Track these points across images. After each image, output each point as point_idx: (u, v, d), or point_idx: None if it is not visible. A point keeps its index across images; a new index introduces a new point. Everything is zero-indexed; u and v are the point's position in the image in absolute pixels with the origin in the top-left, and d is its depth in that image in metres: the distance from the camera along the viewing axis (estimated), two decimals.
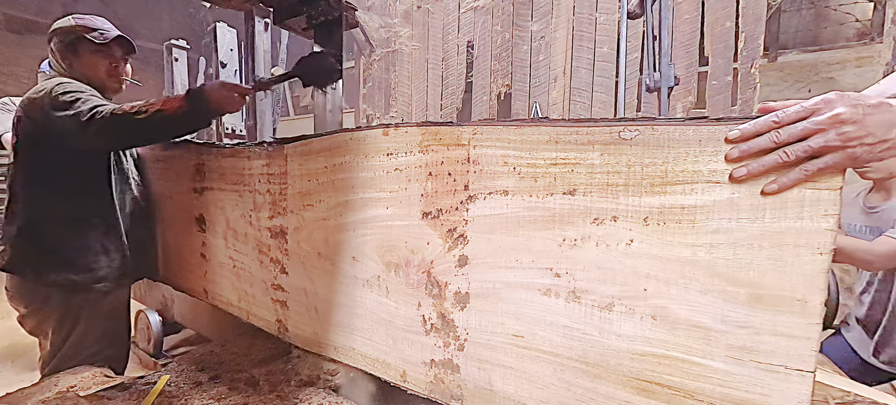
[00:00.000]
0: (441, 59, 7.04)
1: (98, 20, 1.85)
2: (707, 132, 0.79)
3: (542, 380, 1.01)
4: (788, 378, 0.76)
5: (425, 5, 7.09)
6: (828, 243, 0.72)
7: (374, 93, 7.77)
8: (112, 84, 1.89)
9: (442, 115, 7.01)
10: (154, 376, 1.52)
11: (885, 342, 1.96)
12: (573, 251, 0.94)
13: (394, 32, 7.39)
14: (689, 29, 5.33)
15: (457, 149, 1.06)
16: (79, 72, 1.82)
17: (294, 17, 1.92)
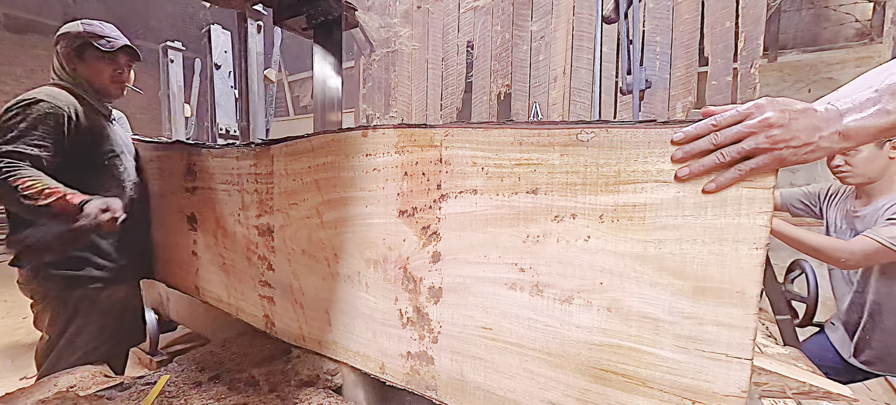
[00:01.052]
0: (441, 59, 7.10)
1: (106, 27, 1.92)
2: (655, 134, 0.85)
3: (508, 371, 1.07)
4: (729, 365, 0.82)
5: (425, 5, 7.16)
6: (763, 238, 0.78)
7: (373, 93, 7.85)
8: (114, 90, 1.95)
9: (442, 115, 7.08)
10: (154, 376, 1.54)
11: (863, 343, 2.01)
12: (536, 247, 1.00)
13: (394, 32, 7.46)
14: (689, 29, 5.37)
15: (430, 150, 1.13)
16: (82, 77, 1.87)
17: (294, 17, 1.96)
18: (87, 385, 1.50)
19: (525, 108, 6.44)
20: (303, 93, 10.37)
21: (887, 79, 0.74)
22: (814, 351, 2.13)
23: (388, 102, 7.66)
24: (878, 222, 1.85)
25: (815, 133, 0.74)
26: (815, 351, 2.14)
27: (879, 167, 1.89)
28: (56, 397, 1.40)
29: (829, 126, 0.74)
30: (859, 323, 2.01)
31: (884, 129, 0.72)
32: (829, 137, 0.74)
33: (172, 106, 4.59)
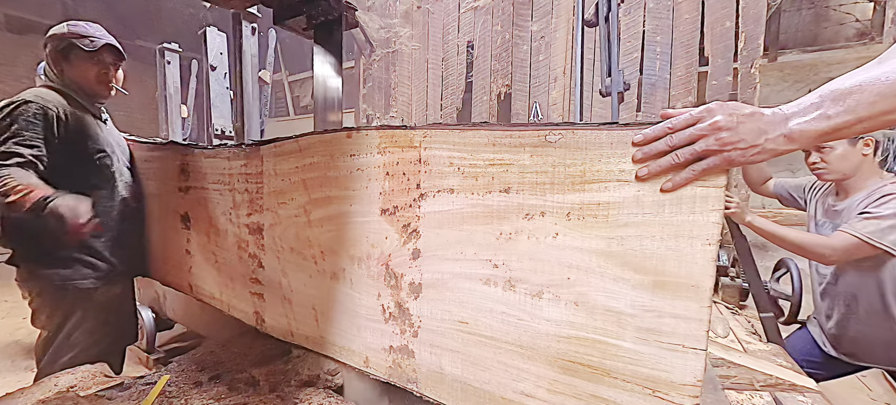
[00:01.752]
0: (441, 59, 7.16)
1: (91, 27, 1.96)
2: (617, 136, 0.91)
3: (483, 363, 1.13)
4: (686, 355, 0.87)
5: (425, 5, 7.22)
6: (715, 235, 0.83)
7: (373, 93, 7.91)
8: (101, 90, 1.99)
9: (442, 115, 7.13)
10: (154, 376, 1.56)
11: (840, 335, 2.07)
12: (509, 244, 1.06)
13: (394, 32, 7.52)
14: (689, 29, 5.41)
15: (410, 150, 1.19)
16: (69, 78, 1.92)
17: (294, 17, 1.99)
18: (87, 385, 1.52)
19: (525, 108, 6.48)
20: (303, 93, 10.45)
21: (832, 85, 0.79)
22: (797, 346, 2.20)
23: (388, 102, 7.72)
24: (850, 217, 1.93)
25: (761, 136, 0.79)
26: (798, 346, 2.21)
27: (853, 164, 1.97)
28: (56, 397, 1.42)
29: (774, 129, 0.79)
30: (833, 314, 2.07)
31: (824, 133, 0.77)
32: (775, 140, 0.79)
33: (169, 106, 4.67)
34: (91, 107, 2.00)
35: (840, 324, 2.06)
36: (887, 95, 0.71)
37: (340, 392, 1.47)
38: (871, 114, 0.73)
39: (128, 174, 2.11)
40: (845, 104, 0.74)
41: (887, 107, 0.71)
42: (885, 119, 0.73)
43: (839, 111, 0.75)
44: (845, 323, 2.04)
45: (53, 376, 1.56)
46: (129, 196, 2.08)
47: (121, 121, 2.30)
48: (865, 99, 0.73)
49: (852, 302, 2.00)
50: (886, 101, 0.71)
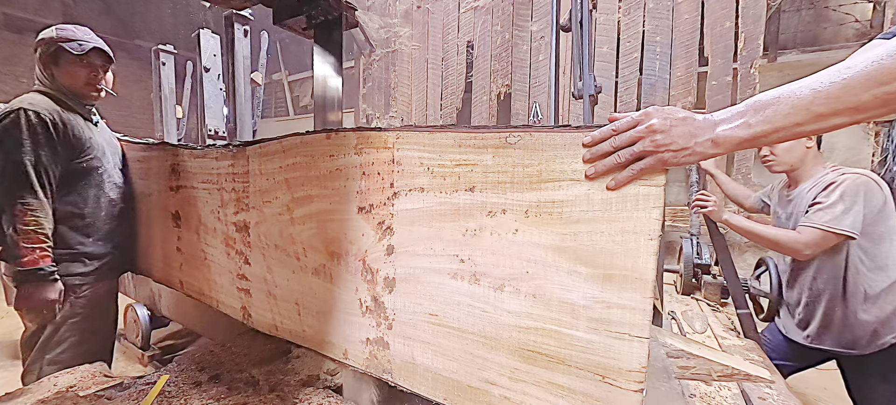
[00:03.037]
0: (441, 59, 7.26)
1: (79, 31, 2.03)
2: (569, 138, 0.99)
3: (452, 353, 1.21)
4: (632, 343, 0.95)
5: (425, 5, 7.32)
6: (656, 230, 0.91)
7: (373, 93, 8.02)
8: (90, 92, 2.06)
9: (442, 115, 7.22)
10: (154, 376, 1.58)
11: (808, 317, 2.21)
12: (473, 240, 1.14)
13: (394, 32, 7.62)
14: (689, 29, 5.48)
15: (384, 151, 1.27)
16: (59, 81, 1.99)
17: (294, 17, 2.03)
18: (86, 385, 1.54)
19: (525, 108, 6.56)
20: (303, 93, 10.56)
21: (759, 96, 0.87)
22: (768, 340, 2.32)
23: (388, 102, 7.83)
24: (804, 204, 2.10)
25: (692, 139, 0.87)
26: (769, 340, 2.33)
27: (798, 156, 2.17)
28: (56, 397, 1.45)
29: (703, 133, 0.87)
30: (801, 300, 2.21)
31: (745, 140, 0.85)
32: (703, 144, 0.87)
33: (164, 107, 4.79)
34: (81, 109, 2.07)
35: (807, 308, 2.20)
36: (799, 108, 0.79)
37: (340, 392, 1.51)
38: (785, 124, 0.81)
39: (118, 174, 2.19)
40: (764, 114, 0.82)
41: (799, 119, 0.79)
42: (797, 130, 0.81)
43: (759, 120, 0.83)
44: (810, 307, 2.19)
45: (53, 376, 1.59)
46: (117, 197, 2.17)
47: (120, 120, 2.39)
48: (781, 110, 0.81)
49: (814, 285, 2.15)
50: (798, 114, 0.79)
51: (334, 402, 1.40)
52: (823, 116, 0.78)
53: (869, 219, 2.00)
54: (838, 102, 0.76)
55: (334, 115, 2.17)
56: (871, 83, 0.73)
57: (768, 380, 1.19)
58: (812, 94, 0.79)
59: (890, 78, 0.72)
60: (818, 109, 0.78)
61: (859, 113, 0.76)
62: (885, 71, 0.72)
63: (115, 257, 2.17)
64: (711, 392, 1.52)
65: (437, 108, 7.30)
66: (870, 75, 0.73)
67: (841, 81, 0.76)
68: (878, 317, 2.02)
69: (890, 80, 0.72)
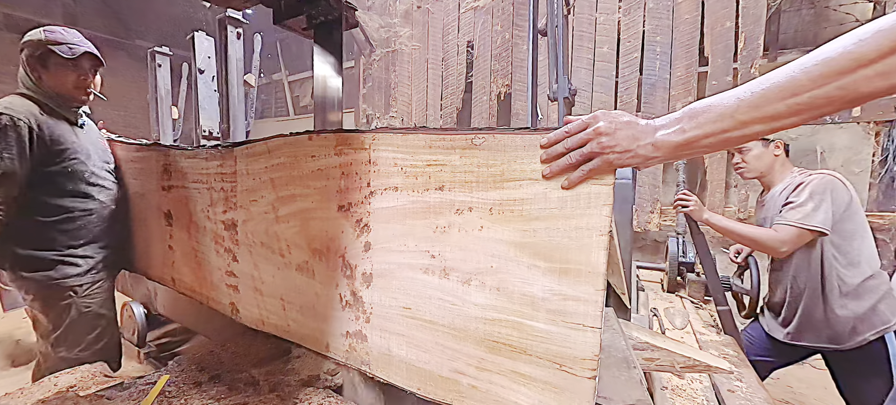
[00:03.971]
0: (441, 59, 7.33)
1: (69, 34, 2.04)
2: (528, 139, 1.07)
3: (424, 345, 1.29)
4: (585, 333, 1.03)
5: (425, 5, 7.40)
6: (606, 226, 0.99)
7: (373, 93, 8.11)
8: (79, 96, 2.09)
9: (442, 115, 7.30)
10: (154, 376, 1.60)
11: (789, 315, 2.32)
12: (443, 236, 1.22)
13: (394, 32, 7.71)
14: (689, 29, 5.53)
15: (362, 152, 1.35)
16: (47, 84, 2.01)
17: (294, 17, 2.04)
18: (86, 385, 1.57)
19: (525, 108, 6.62)
20: (303, 93, 10.67)
21: (697, 102, 0.94)
22: (751, 337, 2.43)
23: (388, 102, 7.92)
24: (777, 206, 2.23)
25: (635, 142, 0.95)
26: (753, 337, 2.45)
27: (767, 163, 2.34)
28: (56, 397, 1.47)
29: (645, 137, 0.95)
30: (784, 300, 2.33)
31: (680, 145, 0.92)
32: (645, 147, 0.95)
33: (160, 108, 4.90)
34: (67, 112, 2.09)
35: (788, 305, 2.31)
36: (725, 116, 0.86)
37: (340, 392, 1.54)
38: (714, 130, 0.88)
39: (107, 176, 2.24)
40: (697, 121, 0.90)
41: (725, 125, 0.86)
42: (725, 136, 0.88)
43: (692, 126, 0.90)
44: (791, 306, 2.30)
45: (53, 376, 1.62)
46: (106, 198, 2.22)
47: (119, 121, 2.44)
48: (711, 117, 0.88)
49: (794, 284, 2.26)
50: (724, 121, 0.86)
51: (334, 402, 1.45)
52: (746, 124, 0.85)
53: (837, 217, 2.13)
54: (757, 111, 0.83)
55: (334, 115, 2.18)
56: (784, 93, 0.80)
57: (727, 370, 1.26)
58: (736, 103, 0.85)
59: (800, 89, 0.78)
60: (741, 117, 0.85)
61: (776, 121, 0.82)
62: (796, 82, 0.79)
63: (108, 257, 2.23)
64: (683, 385, 1.60)
65: (437, 107, 7.38)
66: (783, 86, 0.80)
67: (759, 91, 0.83)
68: (855, 313, 2.11)
69: (801, 91, 0.78)
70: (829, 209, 2.13)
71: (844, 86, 0.75)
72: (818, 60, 0.78)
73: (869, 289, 2.15)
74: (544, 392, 1.10)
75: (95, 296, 2.16)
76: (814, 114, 0.79)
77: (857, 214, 2.18)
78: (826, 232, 2.09)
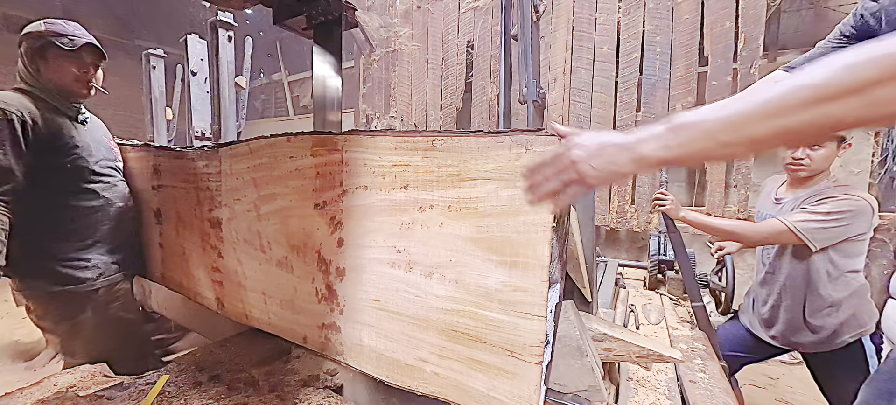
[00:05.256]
0: (441, 59, 7.45)
1: (69, 26, 2.03)
2: (482, 142, 1.18)
3: (392, 335, 1.40)
4: (532, 321, 1.14)
5: (425, 5, 7.52)
6: (549, 222, 1.09)
7: (373, 93, 8.24)
8: (80, 90, 2.07)
9: (442, 115, 7.41)
10: (154, 376, 1.64)
11: (771, 319, 2.42)
12: (408, 232, 1.33)
13: (394, 32, 7.83)
14: (689, 29, 5.61)
15: (335, 153, 1.47)
16: (46, 77, 1.99)
17: (294, 16, 2.07)
18: (87, 385, 1.60)
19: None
20: (303, 93, 10.83)
21: (677, 117, 0.92)
22: (730, 332, 2.56)
23: (388, 102, 8.04)
24: (795, 209, 2.26)
25: (612, 164, 0.97)
26: (731, 332, 2.57)
27: (829, 164, 2.30)
28: (56, 397, 1.51)
29: (623, 155, 0.97)
30: (769, 300, 2.42)
31: (663, 161, 0.94)
32: (624, 163, 0.97)
33: (155, 109, 5.06)
34: (67, 108, 2.08)
35: (772, 309, 2.41)
36: (707, 136, 0.86)
37: (340, 392, 1.60)
38: (697, 151, 0.90)
39: (113, 174, 2.23)
40: (680, 139, 0.91)
41: (707, 146, 0.88)
42: (706, 155, 0.90)
43: (676, 144, 0.91)
44: (777, 308, 2.40)
45: (53, 376, 1.64)
46: (112, 197, 2.19)
47: (119, 120, 2.48)
48: (694, 136, 0.89)
49: (783, 291, 2.35)
50: (706, 141, 0.87)
51: (334, 402, 1.51)
52: (727, 144, 0.85)
53: (848, 241, 2.17)
54: (738, 133, 0.84)
55: (334, 115, 2.21)
56: (765, 116, 0.81)
57: (678, 359, 1.36)
58: (716, 125, 0.87)
59: (785, 111, 0.79)
60: (722, 139, 0.86)
61: (757, 145, 0.84)
62: (780, 104, 0.79)
63: (121, 258, 2.21)
64: (649, 376, 1.70)
65: (437, 107, 7.49)
66: (765, 110, 0.81)
67: (741, 113, 0.84)
68: (839, 321, 2.22)
69: (785, 112, 0.79)
70: (838, 234, 2.15)
71: (829, 114, 0.75)
72: (804, 84, 0.77)
73: (851, 299, 2.24)
74: (497, 377, 1.21)
75: (113, 301, 2.15)
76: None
77: (865, 239, 2.22)
78: (813, 247, 2.15)
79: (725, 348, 2.46)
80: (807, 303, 2.29)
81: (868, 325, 2.28)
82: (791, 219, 2.17)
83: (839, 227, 2.12)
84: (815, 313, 2.27)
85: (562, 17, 6.31)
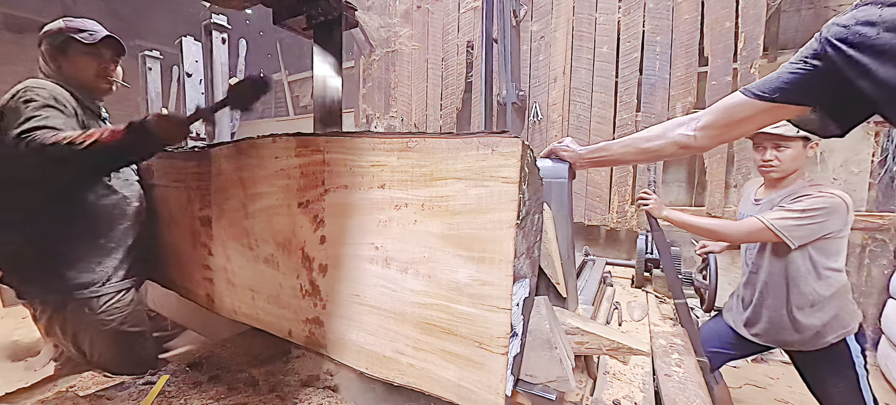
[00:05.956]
0: (441, 59, 7.54)
1: (88, 22, 2.06)
2: (452, 143, 1.26)
3: (371, 328, 1.48)
4: (498, 314, 1.22)
5: (425, 5, 7.61)
6: (513, 219, 1.17)
7: (373, 93, 8.34)
8: (101, 85, 2.08)
9: (442, 115, 7.50)
10: (154, 376, 1.67)
11: (755, 317, 2.53)
12: (385, 229, 1.41)
13: (394, 32, 7.93)
14: (688, 29, 5.68)
15: (317, 154, 1.55)
16: (67, 73, 2.00)
17: (294, 16, 2.10)
18: (86, 385, 1.62)
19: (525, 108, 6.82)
20: (303, 93, 10.95)
21: (604, 143, 1.39)
22: (713, 329, 2.67)
23: (388, 102, 8.14)
24: (773, 208, 2.37)
25: None
26: (714, 329, 2.68)
27: (800, 163, 2.41)
28: (55, 397, 1.52)
29: (581, 158, 1.37)
30: (752, 299, 2.53)
31: (590, 163, 1.32)
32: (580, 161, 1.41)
33: (151, 110, 5.17)
34: (91, 104, 2.08)
35: (754, 308, 2.52)
36: (614, 158, 1.30)
37: (339, 391, 1.64)
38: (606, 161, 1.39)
39: (130, 172, 2.20)
40: (601, 155, 1.30)
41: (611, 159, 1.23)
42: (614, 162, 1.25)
43: (598, 157, 1.38)
44: (759, 307, 2.50)
45: (53, 376, 1.72)
46: (129, 194, 2.15)
47: (116, 119, 2.35)
48: (607, 157, 1.46)
49: (765, 289, 2.45)
50: (613, 159, 1.29)
51: (334, 402, 1.56)
52: (624, 162, 1.39)
53: (822, 237, 2.26)
54: (628, 158, 1.43)
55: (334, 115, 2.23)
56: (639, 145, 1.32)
57: (646, 352, 1.44)
58: (618, 152, 1.51)
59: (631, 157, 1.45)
60: (621, 160, 1.44)
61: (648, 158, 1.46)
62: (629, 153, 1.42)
63: (133, 260, 2.16)
64: (625, 370, 1.78)
65: (437, 107, 7.58)
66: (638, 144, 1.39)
67: (628, 144, 1.43)
68: (822, 321, 2.30)
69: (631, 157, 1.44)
70: (815, 231, 2.25)
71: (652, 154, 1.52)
72: (639, 143, 1.52)
73: (834, 298, 2.32)
74: (467, 368, 1.29)
75: (117, 312, 2.06)
76: None
77: (845, 235, 2.31)
78: (791, 245, 2.25)
79: (709, 345, 2.56)
80: (789, 300, 2.37)
81: (851, 326, 2.36)
82: (768, 217, 2.27)
83: (815, 224, 2.22)
84: (798, 310, 2.35)
85: (562, 17, 6.38)
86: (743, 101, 1.36)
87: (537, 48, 6.66)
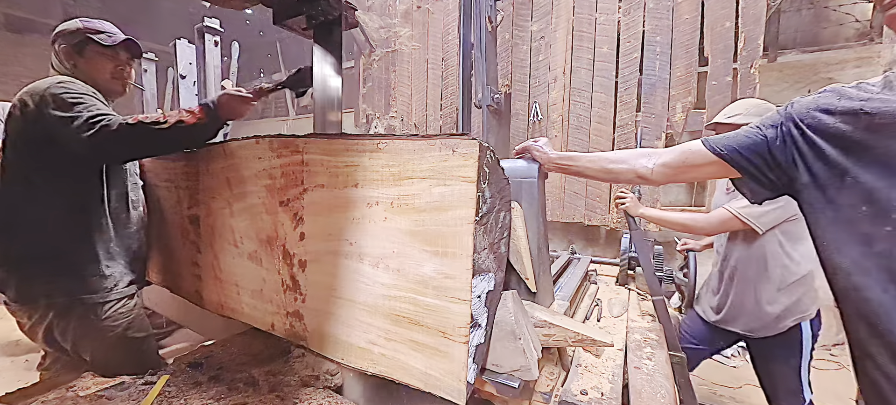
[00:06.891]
0: (441, 59, 7.65)
1: (106, 24, 2.09)
2: (418, 145, 1.37)
3: (346, 320, 1.59)
4: (460, 305, 1.32)
5: (425, 5, 7.73)
6: (472, 216, 1.28)
7: (373, 93, 8.46)
8: (116, 87, 2.11)
9: (442, 115, 7.61)
10: (154, 376, 1.70)
11: (721, 304, 2.68)
12: (359, 226, 1.52)
13: (394, 32, 8.05)
14: (689, 29, 5.76)
15: (297, 155, 1.67)
16: (83, 73, 2.00)
17: (294, 16, 2.13)
18: (86, 385, 1.63)
19: (525, 108, 6.90)
20: None
21: (570, 154, 1.68)
22: (689, 326, 2.81)
23: (388, 102, 8.26)
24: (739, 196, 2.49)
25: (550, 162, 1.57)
26: (690, 325, 2.83)
27: None
28: (56, 397, 1.55)
29: (551, 161, 1.69)
30: (721, 285, 2.68)
31: (558, 169, 1.69)
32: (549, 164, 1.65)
33: (146, 111, 5.32)
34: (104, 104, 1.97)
35: (723, 293, 2.66)
36: (580, 171, 1.72)
37: (340, 391, 1.67)
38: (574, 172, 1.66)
39: (134, 172, 2.23)
40: (569, 165, 1.66)
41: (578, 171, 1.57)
42: None
43: (565, 165, 1.72)
44: (726, 292, 2.64)
45: (53, 376, 1.74)
46: (137, 197, 2.20)
47: None
48: (573, 168, 1.72)
49: (734, 273, 2.60)
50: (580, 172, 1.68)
51: (334, 402, 1.60)
52: (587, 176, 1.64)
53: (790, 221, 2.39)
54: (591, 173, 1.67)
55: (334, 115, 2.24)
56: (604, 164, 1.61)
57: (609, 344, 1.55)
58: (585, 166, 1.71)
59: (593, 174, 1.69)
60: (584, 174, 1.69)
61: (608, 178, 1.68)
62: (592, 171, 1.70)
63: (137, 266, 2.18)
64: (598, 363, 1.88)
65: (437, 107, 7.68)
66: (603, 163, 1.63)
67: (595, 161, 1.66)
68: (785, 306, 2.41)
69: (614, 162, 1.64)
70: (779, 215, 2.39)
71: (612, 175, 1.68)
72: (604, 162, 1.69)
73: (799, 284, 2.43)
74: (433, 357, 1.40)
75: (122, 318, 2.04)
76: None
77: None
78: (759, 230, 2.36)
79: (686, 341, 2.69)
80: (758, 284, 2.50)
81: (809, 310, 2.49)
82: (734, 205, 2.43)
83: (779, 208, 2.38)
84: (765, 294, 2.49)
85: (562, 17, 6.48)
86: (698, 150, 1.48)
87: (537, 48, 6.77)
